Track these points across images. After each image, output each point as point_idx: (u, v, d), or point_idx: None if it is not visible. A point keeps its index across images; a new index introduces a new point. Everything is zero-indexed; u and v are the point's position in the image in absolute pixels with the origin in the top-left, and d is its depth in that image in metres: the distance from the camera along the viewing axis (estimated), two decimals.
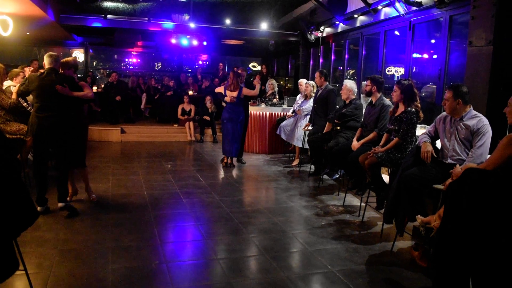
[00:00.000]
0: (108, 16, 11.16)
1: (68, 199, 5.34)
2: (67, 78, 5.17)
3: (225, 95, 8.00)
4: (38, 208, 4.93)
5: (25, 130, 6.03)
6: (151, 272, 3.72)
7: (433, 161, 4.16)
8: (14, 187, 2.65)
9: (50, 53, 5.25)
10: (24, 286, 3.24)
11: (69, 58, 5.56)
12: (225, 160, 8.14)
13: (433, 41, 7.58)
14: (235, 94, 7.92)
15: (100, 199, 5.74)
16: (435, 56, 7.13)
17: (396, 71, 8.76)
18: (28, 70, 7.45)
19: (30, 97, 6.96)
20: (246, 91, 7.98)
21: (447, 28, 5.99)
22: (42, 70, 5.31)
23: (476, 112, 4.06)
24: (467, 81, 4.88)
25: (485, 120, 3.98)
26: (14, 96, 5.88)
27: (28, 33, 11.64)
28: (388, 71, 8.55)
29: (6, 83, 6.34)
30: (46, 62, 5.13)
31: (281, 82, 15.11)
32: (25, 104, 6.57)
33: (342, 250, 4.35)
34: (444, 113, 4.31)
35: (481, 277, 2.93)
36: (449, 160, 4.10)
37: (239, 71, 8.33)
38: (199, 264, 3.98)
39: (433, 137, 4.40)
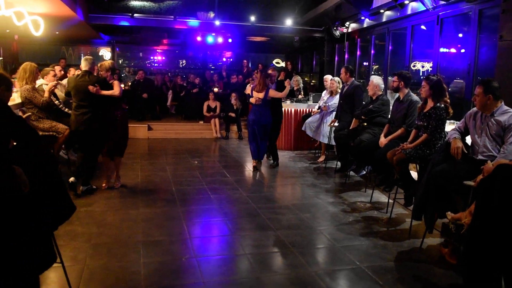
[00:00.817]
0: (135, 14, 11.34)
1: (104, 185, 6.12)
2: (99, 79, 5.81)
3: (252, 96, 7.51)
4: (81, 188, 5.77)
5: (58, 127, 6.21)
6: (182, 266, 3.79)
7: (463, 158, 4.11)
8: (52, 181, 2.75)
9: (86, 57, 5.95)
10: (60, 278, 3.34)
11: (106, 62, 6.23)
12: (254, 164, 7.69)
13: (460, 35, 7.45)
14: (261, 95, 7.36)
15: (129, 194, 5.88)
16: (462, 51, 7.02)
17: (423, 66, 8.65)
18: (58, 69, 7.66)
19: (61, 95, 7.20)
20: (272, 92, 7.41)
21: (476, 22, 5.89)
22: (78, 72, 5.95)
23: (508, 107, 3.99)
24: (498, 76, 4.80)
25: None
26: (46, 94, 6.06)
27: (57, 33, 11.91)
28: (413, 66, 8.45)
29: (39, 82, 6.54)
30: (83, 65, 5.82)
31: (306, 79, 15.08)
32: (56, 102, 6.77)
33: (370, 246, 4.35)
34: (474, 109, 4.25)
35: None
36: (480, 157, 4.05)
37: (270, 71, 7.81)
38: (228, 258, 4.04)
39: (463, 133, 4.34)
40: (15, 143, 3.00)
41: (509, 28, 4.70)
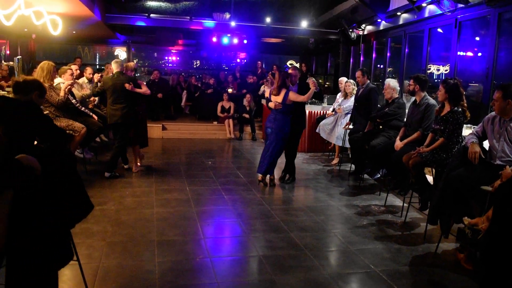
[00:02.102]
0: (151, 15, 11.41)
1: (134, 169, 7.17)
2: (131, 78, 6.79)
3: (270, 100, 6.47)
4: (106, 174, 6.65)
5: (74, 125, 6.29)
6: (196, 266, 3.81)
7: (480, 162, 4.07)
8: (71, 179, 2.78)
9: (116, 59, 7.05)
10: (76, 275, 3.37)
11: (130, 63, 7.34)
12: (259, 179, 6.62)
13: (478, 38, 7.38)
14: (279, 99, 6.28)
15: (143, 194, 5.91)
16: (480, 54, 6.95)
17: (438, 70, 8.58)
18: (74, 68, 7.74)
19: (78, 94, 7.28)
20: (293, 95, 6.25)
21: (495, 26, 5.83)
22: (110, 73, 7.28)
23: None
24: None
25: None
26: (62, 93, 6.13)
27: (74, 32, 12.04)
28: (428, 69, 8.38)
29: (57, 81, 6.62)
30: (114, 66, 6.73)
31: (320, 80, 15.05)
32: (73, 101, 6.84)
33: (384, 250, 4.32)
34: (492, 113, 4.20)
35: None
36: (498, 162, 4.00)
37: (290, 71, 6.61)
38: (242, 260, 4.06)
39: (481, 137, 4.29)
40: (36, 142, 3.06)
41: None
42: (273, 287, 3.50)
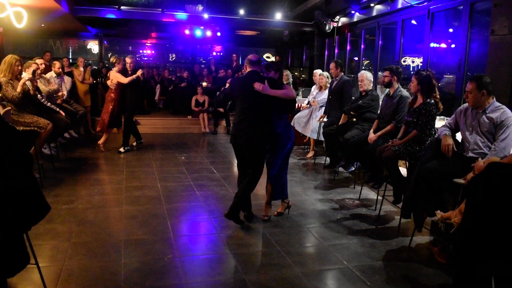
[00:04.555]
0: (122, 7, 11.12)
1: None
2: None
3: None
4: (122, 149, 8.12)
5: (39, 122, 6.03)
6: (164, 266, 3.67)
7: (453, 155, 4.03)
8: (26, 180, 2.61)
9: (130, 56, 8.20)
10: (36, 280, 3.19)
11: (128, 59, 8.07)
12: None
13: (451, 30, 7.38)
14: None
15: (112, 191, 5.73)
16: (453, 46, 6.95)
17: (413, 61, 8.58)
18: (40, 62, 7.45)
19: (44, 89, 7.01)
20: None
21: (467, 17, 5.81)
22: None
23: (500, 104, 3.91)
24: (489, 71, 4.72)
25: (509, 112, 3.82)
26: (19, 88, 5.83)
27: (43, 25, 11.66)
28: (404, 61, 8.36)
29: (24, 75, 6.33)
30: (129, 61, 7.97)
31: (296, 73, 14.98)
32: (39, 96, 6.58)
33: (358, 245, 4.26)
34: (465, 105, 4.16)
35: (505, 275, 2.82)
36: (470, 154, 3.96)
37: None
38: (213, 258, 3.93)
39: (453, 129, 4.25)
40: None
41: (501, 22, 4.62)
42: (245, 286, 3.39)
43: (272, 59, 16.81)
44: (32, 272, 3.22)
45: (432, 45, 7.02)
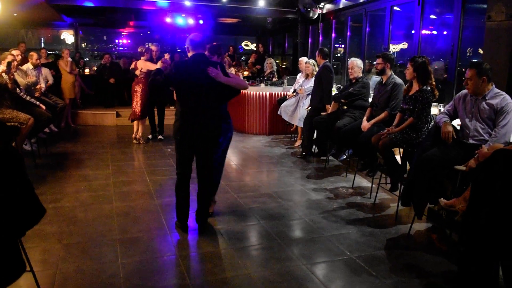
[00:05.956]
0: None
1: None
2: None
3: None
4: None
5: (19, 117, 5.78)
6: (164, 265, 3.54)
7: (453, 142, 3.99)
8: (18, 182, 2.43)
9: (156, 43, 8.35)
10: (31, 287, 3.02)
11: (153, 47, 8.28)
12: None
13: (438, 16, 7.33)
14: None
15: (100, 187, 5.53)
16: (445, 32, 6.90)
17: (394, 48, 8.52)
18: (17, 53, 7.11)
19: (22, 82, 6.71)
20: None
21: (460, 3, 5.74)
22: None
23: (499, 90, 3.88)
24: (486, 58, 4.68)
25: (508, 98, 3.80)
26: None
27: (15, 14, 11.19)
28: (393, 48, 8.31)
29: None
30: (154, 48, 8.19)
31: (277, 61, 14.83)
32: (18, 90, 6.30)
33: (358, 234, 4.20)
34: (463, 92, 4.11)
35: None
36: (471, 141, 3.93)
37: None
38: (213, 254, 3.80)
39: (452, 116, 4.21)
40: None
41: (498, 8, 4.57)
42: (250, 283, 3.28)
43: (251, 47, 16.62)
44: (27, 278, 3.04)
45: (423, 32, 6.92)
